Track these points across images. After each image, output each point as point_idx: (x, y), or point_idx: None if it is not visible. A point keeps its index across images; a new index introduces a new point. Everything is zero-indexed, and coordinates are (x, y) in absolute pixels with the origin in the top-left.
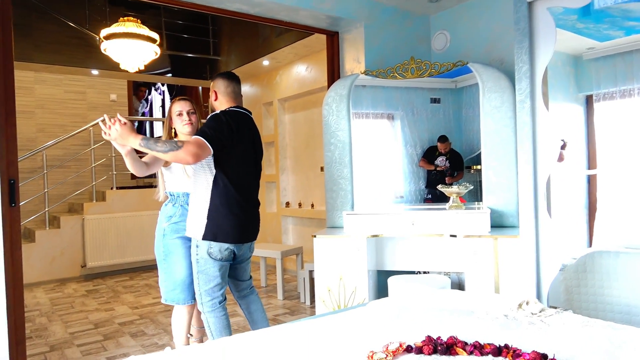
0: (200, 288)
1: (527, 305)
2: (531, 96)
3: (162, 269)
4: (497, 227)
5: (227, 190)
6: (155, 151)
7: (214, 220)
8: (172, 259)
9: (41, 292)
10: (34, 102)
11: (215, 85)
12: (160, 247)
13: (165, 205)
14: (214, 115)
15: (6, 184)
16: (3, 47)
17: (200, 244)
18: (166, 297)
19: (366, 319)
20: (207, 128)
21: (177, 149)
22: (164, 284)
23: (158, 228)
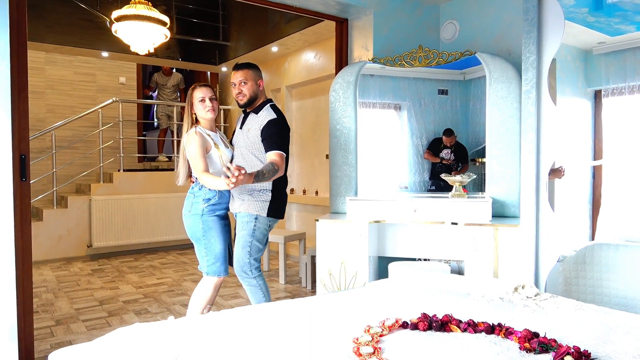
0: (251, 256)
1: (523, 289)
2: (537, 87)
3: (201, 244)
4: (499, 216)
5: (283, 178)
6: (264, 181)
7: (276, 200)
8: (211, 234)
9: (48, 270)
10: (45, 82)
11: (260, 75)
12: (198, 225)
13: (200, 190)
14: (278, 123)
15: (17, 159)
16: (17, 24)
17: (261, 218)
18: (207, 271)
19: (365, 298)
20: (281, 139)
21: (277, 172)
22: (204, 258)
23: (194, 208)
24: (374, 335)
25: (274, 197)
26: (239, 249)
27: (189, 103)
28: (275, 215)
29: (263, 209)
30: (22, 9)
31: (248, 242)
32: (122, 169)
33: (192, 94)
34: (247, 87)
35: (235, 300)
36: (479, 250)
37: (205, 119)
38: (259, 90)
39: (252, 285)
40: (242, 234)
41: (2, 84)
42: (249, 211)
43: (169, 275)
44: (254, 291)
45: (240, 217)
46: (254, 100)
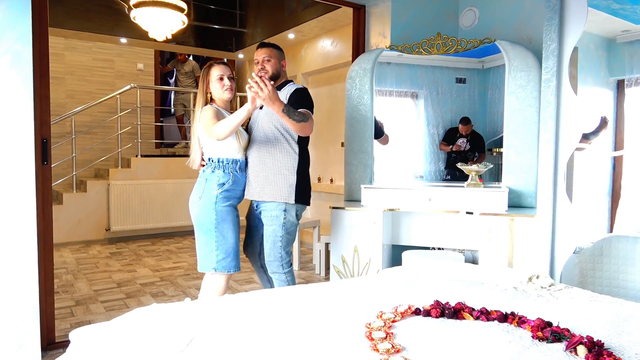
0: (283, 250)
1: (537, 279)
2: (557, 75)
3: (212, 237)
4: (515, 207)
5: (307, 157)
6: (292, 119)
7: (302, 184)
8: (224, 226)
9: (67, 252)
10: (64, 68)
11: (284, 56)
12: (211, 214)
13: (213, 172)
14: (304, 91)
15: (39, 142)
16: (39, 10)
17: (290, 207)
18: (216, 267)
19: (378, 284)
20: (308, 102)
21: (307, 121)
22: (213, 253)
23: (206, 195)
24: (387, 321)
25: (300, 179)
26: (269, 244)
27: (204, 81)
28: (304, 201)
29: (290, 194)
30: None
31: (280, 236)
32: (140, 155)
33: (209, 72)
34: (270, 64)
35: (249, 285)
36: (494, 240)
37: (222, 100)
38: (282, 70)
39: (281, 280)
40: (272, 229)
41: (25, 69)
42: (275, 199)
43: (185, 259)
44: (282, 286)
45: (266, 210)
46: (275, 78)
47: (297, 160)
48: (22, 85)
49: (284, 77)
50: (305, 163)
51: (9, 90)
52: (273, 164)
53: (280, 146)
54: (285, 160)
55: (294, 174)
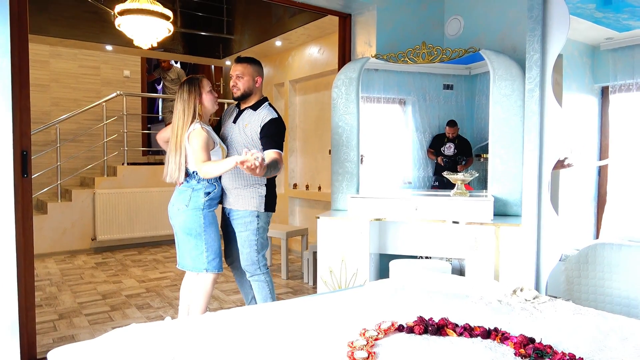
0: (258, 253)
1: (522, 292)
2: (541, 85)
3: (201, 240)
4: (501, 215)
5: None
6: (272, 174)
7: (270, 195)
8: (211, 229)
9: (52, 263)
10: (49, 75)
11: (260, 72)
12: (199, 220)
13: (199, 182)
14: (279, 123)
15: (19, 155)
16: (18, 19)
17: (261, 214)
18: (207, 267)
19: (362, 299)
20: (280, 139)
21: (278, 170)
22: (203, 255)
23: (193, 202)
24: (369, 339)
25: (269, 190)
26: (245, 248)
27: (195, 93)
28: (272, 209)
29: (261, 204)
30: (23, 3)
31: (254, 240)
32: (126, 163)
33: (202, 84)
34: (242, 81)
35: (237, 296)
36: (480, 249)
37: (210, 111)
38: (255, 87)
39: (260, 281)
40: (246, 234)
41: (2, 80)
42: (248, 208)
43: (172, 269)
44: (262, 287)
45: (239, 217)
46: (247, 96)
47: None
48: (0, 96)
49: (258, 95)
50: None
51: None
52: (245, 177)
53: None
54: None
55: (264, 186)
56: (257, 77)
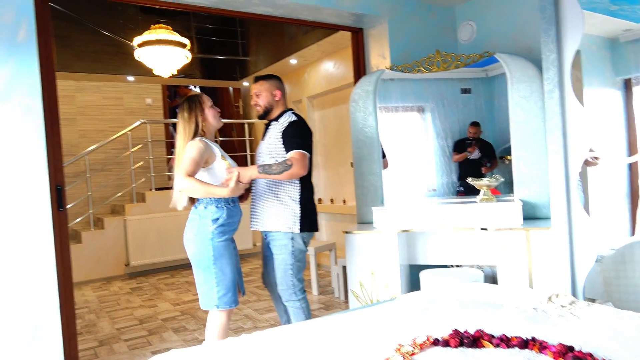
0: (294, 277)
1: (557, 298)
2: (560, 85)
3: (211, 273)
4: (530, 219)
5: (310, 184)
6: (272, 174)
7: (306, 212)
8: (222, 261)
9: (89, 290)
10: (76, 109)
11: (277, 85)
12: (208, 251)
13: (206, 208)
14: (298, 125)
15: (54, 190)
16: (45, 61)
17: (296, 235)
18: (218, 303)
19: (395, 313)
20: (301, 139)
21: (290, 168)
22: (213, 290)
23: (200, 232)
24: (405, 354)
25: (303, 209)
26: (280, 272)
27: (197, 110)
28: (309, 229)
29: (295, 223)
30: (50, 46)
31: (289, 264)
32: (154, 188)
33: (202, 100)
34: (261, 98)
35: (270, 314)
36: (512, 256)
37: (214, 127)
38: (274, 101)
39: (296, 308)
40: (281, 257)
41: (36, 120)
42: (281, 229)
43: None
44: (297, 313)
45: (273, 239)
46: (269, 111)
47: (299, 189)
48: (34, 135)
49: (280, 107)
50: (307, 191)
51: (23, 141)
52: (276, 194)
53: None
54: (287, 191)
55: (297, 203)
56: (275, 90)
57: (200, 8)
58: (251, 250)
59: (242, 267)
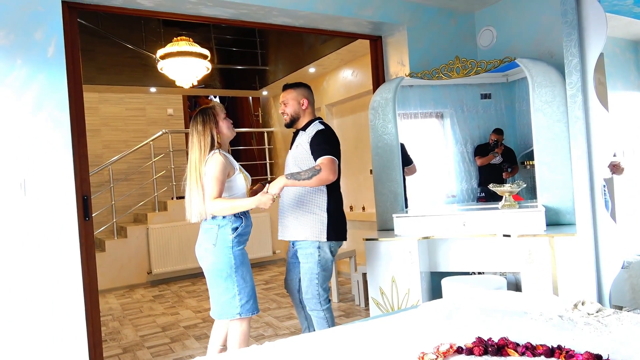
0: (320, 287)
1: (583, 306)
2: (583, 90)
3: (233, 282)
4: (554, 225)
5: (338, 193)
6: (301, 180)
7: (334, 221)
8: (243, 269)
9: (113, 298)
10: (99, 120)
11: (305, 94)
12: (229, 260)
13: (224, 218)
14: (325, 133)
15: (80, 200)
16: (73, 75)
17: (323, 244)
18: (241, 311)
19: (418, 321)
20: (329, 145)
21: (319, 173)
22: (236, 298)
23: (221, 241)
24: None
25: (331, 217)
26: (306, 281)
27: (211, 122)
28: (337, 238)
29: (322, 232)
30: (77, 61)
31: (315, 273)
32: (175, 197)
33: (216, 112)
34: (288, 107)
35: (291, 322)
36: (535, 262)
37: (229, 138)
38: (301, 109)
39: (320, 317)
40: (307, 266)
41: (64, 133)
42: (308, 238)
43: None
44: (321, 323)
45: (300, 247)
46: (296, 120)
47: (327, 198)
48: (62, 146)
49: (307, 116)
50: (335, 200)
51: (52, 152)
52: (304, 203)
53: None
54: (315, 199)
55: (325, 212)
56: (302, 99)
57: (222, 20)
58: (270, 257)
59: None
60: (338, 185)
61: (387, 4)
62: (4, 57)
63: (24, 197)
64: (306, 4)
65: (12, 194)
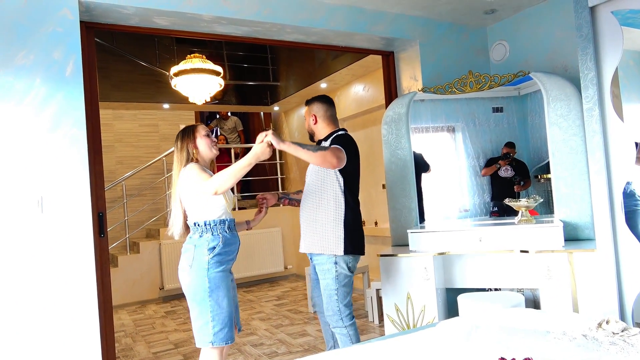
0: (340, 303)
1: (608, 325)
2: (600, 103)
3: (206, 307)
4: (572, 240)
5: (356, 207)
6: (305, 150)
7: (351, 234)
8: (218, 294)
9: (125, 314)
10: (113, 137)
11: (313, 109)
12: (204, 282)
13: (201, 237)
14: (341, 137)
15: (96, 216)
16: (90, 93)
17: (339, 259)
18: (213, 340)
19: (437, 340)
20: (344, 146)
21: (325, 151)
22: (209, 325)
23: (196, 262)
24: None
25: (347, 230)
26: (325, 298)
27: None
28: (354, 252)
29: (338, 246)
30: (94, 80)
31: (334, 289)
32: None
33: (196, 129)
34: (307, 122)
35: (304, 339)
36: (554, 278)
37: (208, 157)
38: (312, 125)
39: (343, 335)
40: (326, 283)
41: (80, 149)
42: (324, 251)
43: None
44: (344, 341)
45: (317, 262)
46: (313, 134)
47: (344, 211)
48: (79, 164)
49: (323, 129)
50: (353, 213)
51: (69, 169)
52: (321, 216)
53: (327, 198)
54: (332, 212)
55: (342, 225)
56: (312, 115)
57: (236, 38)
58: (282, 273)
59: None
60: (357, 199)
61: (399, 20)
62: (24, 77)
63: (41, 215)
64: (319, 21)
65: (30, 211)
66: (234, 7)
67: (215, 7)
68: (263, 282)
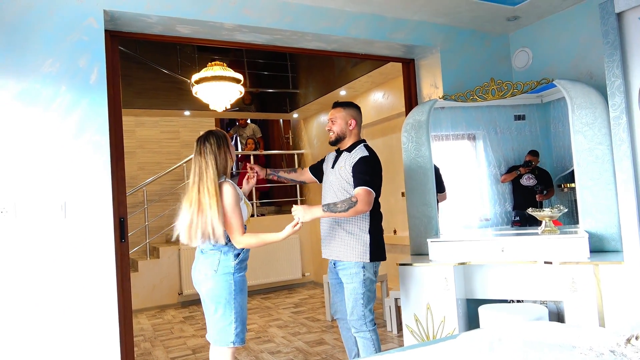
0: (365, 308)
1: (637, 340)
2: (627, 111)
3: (230, 309)
4: (598, 251)
5: (379, 214)
6: (337, 212)
7: (376, 241)
8: (242, 296)
9: (144, 318)
10: (135, 143)
11: (354, 114)
12: (230, 286)
13: (227, 244)
14: (368, 161)
15: (117, 222)
16: (113, 100)
17: (367, 265)
18: (234, 340)
19: (457, 352)
20: (369, 176)
21: (355, 205)
22: (232, 326)
23: (223, 267)
24: None
25: (372, 238)
26: (351, 302)
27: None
28: (379, 258)
29: (365, 253)
30: (117, 88)
31: (360, 293)
32: None
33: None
34: (335, 125)
35: (321, 347)
36: (579, 291)
37: (231, 165)
38: (348, 130)
39: (366, 339)
40: (352, 286)
41: (103, 155)
42: (352, 259)
43: (255, 321)
44: (367, 345)
45: (344, 268)
46: (341, 139)
47: (369, 219)
48: (102, 170)
49: (353, 137)
50: (376, 221)
51: (92, 175)
52: (346, 224)
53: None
54: (357, 220)
55: (367, 233)
56: (350, 119)
57: (257, 46)
58: (300, 280)
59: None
60: (379, 206)
61: (420, 27)
62: (50, 84)
63: (64, 219)
64: (339, 28)
65: (53, 216)
66: (255, 15)
67: (236, 16)
68: (281, 289)
